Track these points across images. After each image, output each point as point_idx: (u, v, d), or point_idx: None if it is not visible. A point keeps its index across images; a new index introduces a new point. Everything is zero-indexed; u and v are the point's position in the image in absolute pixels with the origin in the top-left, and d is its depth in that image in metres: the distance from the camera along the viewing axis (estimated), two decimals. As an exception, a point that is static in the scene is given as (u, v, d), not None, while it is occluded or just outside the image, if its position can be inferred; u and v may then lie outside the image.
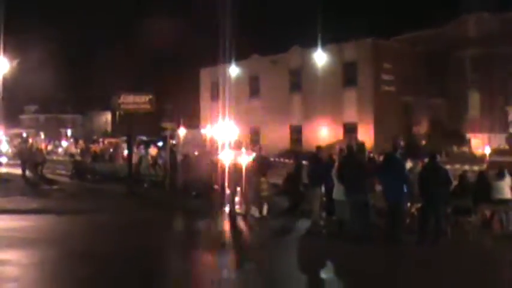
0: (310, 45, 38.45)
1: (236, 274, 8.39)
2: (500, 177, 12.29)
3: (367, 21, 76.72)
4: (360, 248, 9.71)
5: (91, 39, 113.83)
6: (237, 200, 14.16)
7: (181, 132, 27.08)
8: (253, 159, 14.01)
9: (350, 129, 39.49)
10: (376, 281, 7.81)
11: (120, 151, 26.73)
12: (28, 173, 22.65)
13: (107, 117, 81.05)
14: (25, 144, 27.31)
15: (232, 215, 13.36)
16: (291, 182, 14.70)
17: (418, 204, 11.38)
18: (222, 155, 15.54)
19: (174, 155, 19.46)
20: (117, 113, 18.85)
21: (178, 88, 49.64)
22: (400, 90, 39.67)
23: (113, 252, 9.27)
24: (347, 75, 40.30)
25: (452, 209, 11.54)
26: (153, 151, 24.08)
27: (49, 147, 42.81)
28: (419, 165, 12.28)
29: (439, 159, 11.37)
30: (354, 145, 12.30)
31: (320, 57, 37.75)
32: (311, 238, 11.25)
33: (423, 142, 38.32)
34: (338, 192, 10.83)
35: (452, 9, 56.01)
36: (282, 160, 28.09)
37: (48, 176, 23.10)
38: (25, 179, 21.77)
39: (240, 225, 12.71)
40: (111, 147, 32.57)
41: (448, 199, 10.93)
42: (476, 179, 12.99)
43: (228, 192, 14.16)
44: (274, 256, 9.41)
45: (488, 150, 30.24)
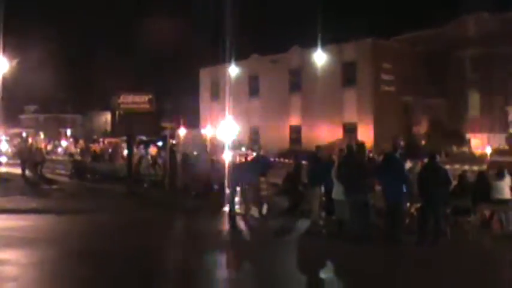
0: (310, 45, 38.47)
1: (235, 274, 8.39)
2: (500, 177, 12.28)
3: (367, 21, 76.84)
4: (360, 248, 9.71)
5: (91, 39, 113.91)
6: (237, 199, 14.15)
7: (182, 132, 27.10)
8: (253, 159, 13.99)
9: (350, 129, 39.54)
10: (376, 281, 7.81)
11: (120, 151, 26.67)
12: (28, 172, 22.63)
13: (107, 117, 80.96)
14: (25, 144, 27.24)
15: (232, 215, 13.34)
16: (290, 181, 14.68)
17: (418, 204, 11.38)
18: (222, 155, 15.54)
19: (174, 154, 19.43)
20: (117, 113, 18.82)
21: (178, 88, 49.66)
22: (399, 90, 39.71)
23: (112, 251, 9.27)
24: (347, 75, 40.35)
25: (452, 209, 11.54)
26: (153, 151, 24.05)
27: (49, 147, 42.78)
28: (418, 165, 12.27)
29: (438, 159, 11.36)
30: (354, 145, 12.28)
31: (320, 57, 37.75)
32: (311, 238, 11.25)
33: (423, 142, 38.35)
34: (338, 192, 10.83)
35: (452, 9, 56.10)
36: (281, 160, 28.08)
37: (48, 175, 23.09)
38: (25, 179, 21.74)
39: (240, 225, 12.70)
40: (110, 147, 32.51)
41: (448, 199, 10.92)
42: (475, 179, 12.98)
43: (228, 192, 14.16)
44: (273, 256, 9.41)
45: (489, 150, 30.25)
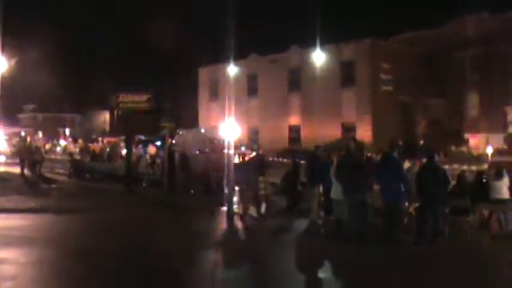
0: (309, 45, 38.49)
1: (234, 273, 8.38)
2: (499, 177, 12.28)
3: (366, 21, 77.02)
4: (358, 247, 9.72)
5: (90, 38, 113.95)
6: (235, 199, 14.15)
7: (181, 132, 27.04)
8: (251, 159, 13.99)
9: (348, 129, 39.56)
10: (374, 281, 7.82)
11: (119, 150, 26.67)
12: (26, 171, 22.60)
13: (106, 116, 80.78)
14: (23, 143, 27.22)
15: (230, 214, 13.34)
16: (289, 181, 14.67)
17: (416, 204, 11.39)
18: (221, 154, 15.52)
19: (172, 154, 19.43)
20: (116, 112, 18.80)
21: (176, 87, 49.63)
22: (398, 90, 39.75)
23: (110, 250, 9.27)
24: (345, 75, 40.39)
25: (451, 209, 11.54)
26: (151, 150, 24.04)
27: (47, 146, 42.78)
28: (417, 165, 12.26)
29: (437, 159, 11.35)
30: (352, 144, 12.27)
31: (319, 57, 37.77)
32: (309, 237, 11.25)
33: (421, 142, 38.37)
34: (336, 191, 10.83)
35: (452, 9, 56.12)
36: (280, 159, 28.06)
37: (47, 175, 23.06)
38: (23, 178, 21.71)
39: (238, 225, 12.70)
40: (108, 146, 32.49)
41: (446, 199, 10.92)
42: (474, 179, 12.98)
43: (226, 191, 14.15)
44: (271, 255, 9.42)
45: (490, 150, 30.25)
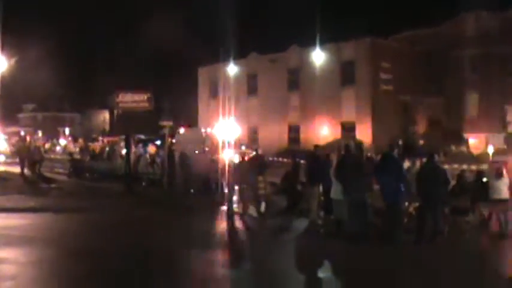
0: (309, 44, 38.45)
1: (233, 273, 8.39)
2: (499, 177, 12.26)
3: (365, 20, 76.86)
4: (358, 247, 9.72)
5: (90, 37, 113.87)
6: (235, 198, 14.15)
7: (181, 131, 27.10)
8: (251, 158, 14.00)
9: (348, 128, 39.54)
10: (374, 280, 7.82)
11: (119, 149, 26.69)
12: (26, 171, 22.60)
13: (105, 115, 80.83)
14: (23, 143, 27.22)
15: (230, 214, 13.35)
16: (289, 181, 14.67)
17: (416, 204, 11.39)
18: (221, 154, 15.54)
19: (172, 153, 19.44)
20: (115, 111, 18.80)
21: (176, 86, 49.62)
22: (398, 89, 39.70)
23: (110, 250, 9.26)
24: (345, 74, 40.33)
25: (450, 209, 11.54)
26: (151, 149, 24.06)
27: (47, 146, 42.78)
28: (417, 165, 12.27)
29: (437, 158, 11.36)
30: (352, 144, 12.28)
31: (318, 56, 37.75)
32: (309, 237, 11.26)
33: (421, 141, 38.34)
34: (336, 191, 10.84)
35: (451, 8, 56.09)
36: (280, 159, 28.06)
37: (46, 174, 23.05)
38: (23, 178, 21.71)
39: (238, 224, 12.70)
40: (107, 145, 32.50)
41: (446, 199, 10.93)
42: (474, 179, 12.98)
43: (226, 190, 14.16)
44: (271, 255, 9.41)
45: (491, 150, 30.22)
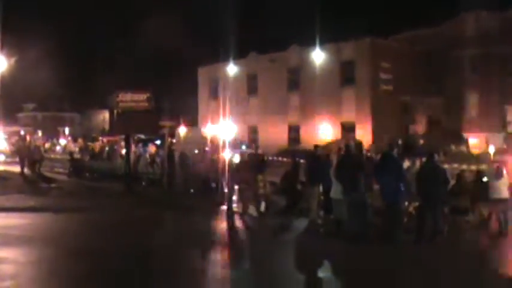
0: (309, 44, 38.41)
1: (233, 272, 8.39)
2: (498, 176, 12.26)
3: (365, 20, 76.79)
4: (357, 247, 9.72)
5: (90, 37, 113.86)
6: (235, 198, 14.15)
7: (182, 131, 27.10)
8: (250, 157, 14.00)
9: (348, 128, 39.51)
10: (374, 280, 7.82)
11: (118, 149, 26.71)
12: (26, 170, 22.61)
13: (105, 115, 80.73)
14: (23, 142, 27.25)
15: (230, 213, 13.35)
16: (288, 180, 14.66)
17: (416, 204, 11.39)
18: (221, 154, 15.54)
19: (172, 153, 19.45)
20: (115, 111, 18.78)
21: (176, 86, 49.56)
22: (398, 90, 39.68)
23: (110, 250, 9.27)
24: (345, 74, 40.29)
25: (450, 209, 11.55)
26: (151, 149, 24.08)
27: (46, 145, 42.76)
28: (417, 165, 12.28)
29: (437, 158, 11.36)
30: (352, 144, 12.29)
31: (318, 56, 37.70)
32: (309, 237, 11.26)
33: (421, 141, 38.30)
34: (336, 191, 10.84)
35: (451, 8, 56.02)
36: (279, 159, 28.05)
37: (46, 174, 23.07)
38: (23, 177, 21.74)
39: (238, 224, 12.70)
40: (107, 145, 32.53)
41: (446, 198, 10.94)
42: (474, 179, 12.98)
43: (226, 190, 14.16)
44: (271, 255, 9.41)
45: (492, 149, 30.19)
